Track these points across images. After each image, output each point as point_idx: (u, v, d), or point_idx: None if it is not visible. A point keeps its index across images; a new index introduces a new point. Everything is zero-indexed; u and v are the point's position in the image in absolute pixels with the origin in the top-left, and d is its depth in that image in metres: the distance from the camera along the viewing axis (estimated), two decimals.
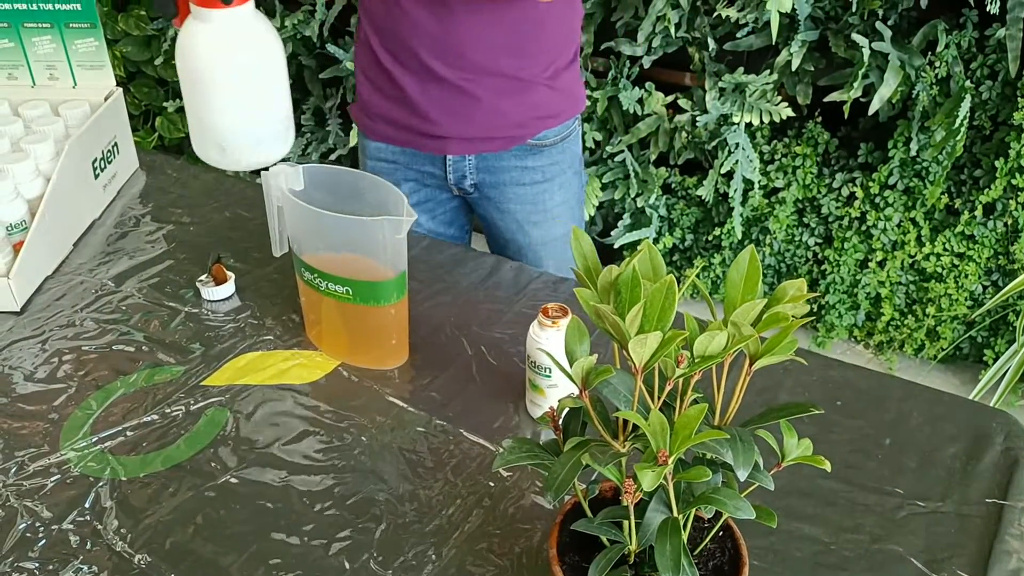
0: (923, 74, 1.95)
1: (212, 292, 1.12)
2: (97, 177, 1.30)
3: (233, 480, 0.87)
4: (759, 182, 2.22)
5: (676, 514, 0.61)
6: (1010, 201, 2.02)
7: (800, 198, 2.25)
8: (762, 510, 0.62)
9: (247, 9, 0.92)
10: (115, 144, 1.35)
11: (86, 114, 1.29)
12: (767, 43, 2.05)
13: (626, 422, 0.63)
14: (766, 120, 2.10)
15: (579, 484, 0.67)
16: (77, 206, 1.25)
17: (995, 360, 2.07)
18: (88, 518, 0.82)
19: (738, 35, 2.11)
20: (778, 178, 2.23)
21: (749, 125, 2.17)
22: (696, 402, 0.62)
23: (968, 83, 1.94)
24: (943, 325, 2.17)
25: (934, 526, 0.82)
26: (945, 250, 2.12)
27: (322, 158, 2.65)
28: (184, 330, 1.07)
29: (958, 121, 1.89)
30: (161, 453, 0.90)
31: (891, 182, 2.13)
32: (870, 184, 2.14)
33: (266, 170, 0.99)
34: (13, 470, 0.88)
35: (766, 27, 1.99)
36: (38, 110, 1.29)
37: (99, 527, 0.82)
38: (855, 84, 1.95)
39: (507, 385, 0.99)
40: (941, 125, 1.96)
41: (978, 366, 2.22)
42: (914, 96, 1.98)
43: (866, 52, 1.92)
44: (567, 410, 0.67)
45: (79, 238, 1.25)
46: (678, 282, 0.58)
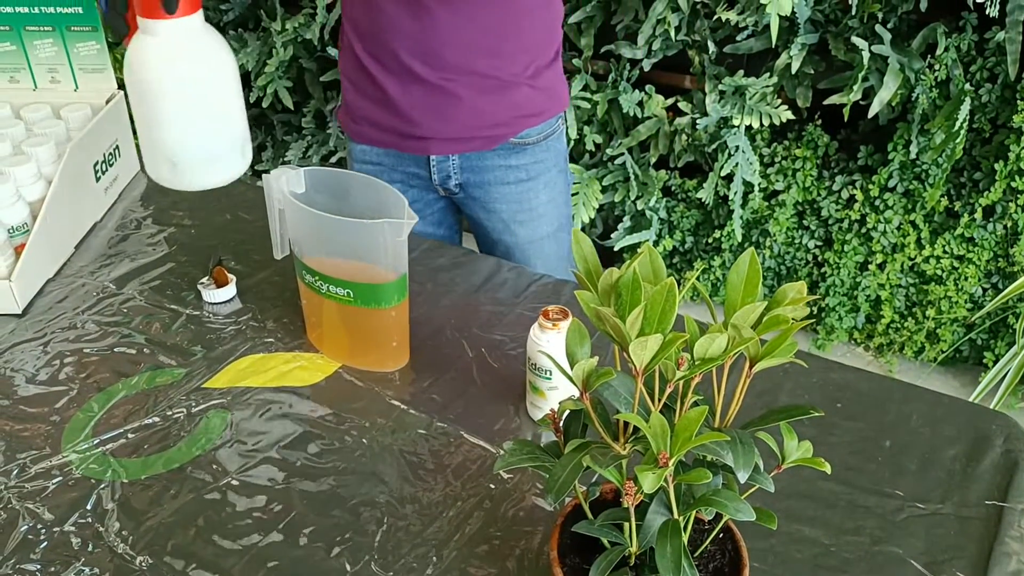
0: (923, 77, 1.95)
1: (213, 295, 1.12)
2: (98, 180, 1.30)
3: (234, 482, 0.87)
4: (759, 185, 2.22)
5: (677, 516, 0.62)
6: (1010, 204, 2.02)
7: (800, 201, 2.25)
8: (762, 512, 0.62)
9: (195, 21, 0.89)
10: (116, 147, 1.35)
11: (88, 117, 1.29)
12: (767, 46, 2.06)
13: (627, 424, 0.63)
14: (766, 123, 2.11)
15: (580, 486, 0.67)
16: (78, 209, 1.26)
17: (995, 362, 2.07)
18: (90, 520, 0.83)
19: (738, 38, 2.11)
20: (778, 181, 2.24)
21: (749, 128, 2.17)
22: (696, 404, 0.62)
23: (968, 86, 1.94)
24: (943, 327, 2.17)
25: (934, 528, 0.82)
26: (945, 253, 2.12)
27: (323, 160, 2.65)
28: (185, 332, 1.08)
29: (958, 124, 1.90)
30: (162, 455, 0.90)
31: (891, 185, 2.13)
32: (870, 187, 2.14)
33: (267, 172, 0.99)
34: (15, 472, 0.88)
35: (766, 30, 2.00)
36: (40, 113, 1.30)
37: (100, 529, 0.82)
38: (855, 87, 1.95)
39: (508, 387, 0.99)
40: (941, 128, 1.96)
41: (978, 368, 2.22)
42: (914, 99, 1.99)
43: (866, 55, 1.93)
44: (568, 412, 0.67)
45: (80, 241, 1.25)
46: (678, 285, 0.58)
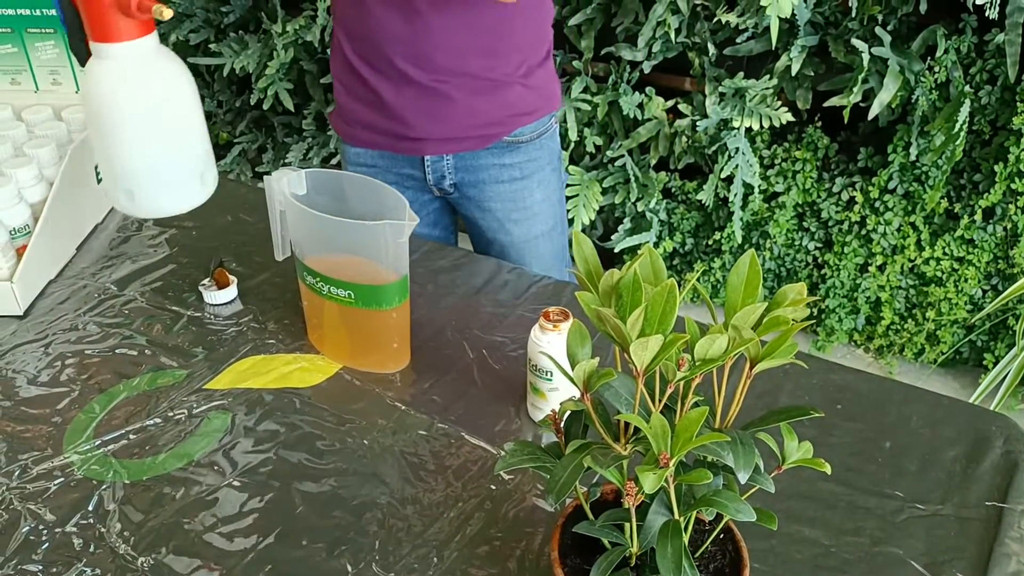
0: (922, 79, 1.96)
1: (214, 296, 1.12)
2: (100, 181, 1.30)
3: (235, 483, 0.87)
4: (759, 186, 2.22)
5: (677, 516, 0.62)
6: (1009, 205, 2.02)
7: (800, 202, 2.25)
8: (763, 512, 0.62)
9: (148, 43, 0.88)
10: None
11: None
12: (767, 48, 2.06)
13: (627, 425, 0.63)
14: (766, 125, 2.11)
15: (580, 487, 0.67)
16: (80, 210, 1.26)
17: (995, 364, 2.07)
18: (91, 521, 0.83)
19: (738, 40, 2.11)
20: (778, 182, 2.24)
21: (749, 130, 2.17)
22: (697, 405, 0.62)
23: (967, 88, 1.94)
24: (943, 329, 2.17)
25: (934, 529, 0.82)
26: (945, 254, 2.13)
27: (323, 162, 2.66)
28: (187, 334, 1.08)
29: (957, 126, 1.90)
30: (164, 456, 0.90)
31: (891, 186, 2.14)
32: (870, 188, 2.15)
33: (268, 174, 0.99)
34: (16, 473, 0.88)
35: (766, 32, 2.00)
36: (41, 114, 1.30)
37: (102, 530, 0.82)
38: (855, 89, 1.96)
39: (508, 389, 0.99)
40: (940, 130, 1.96)
41: (978, 370, 2.22)
42: (913, 101, 1.99)
43: (865, 57, 1.93)
44: (569, 413, 0.67)
45: (82, 242, 1.26)
46: (679, 286, 0.58)
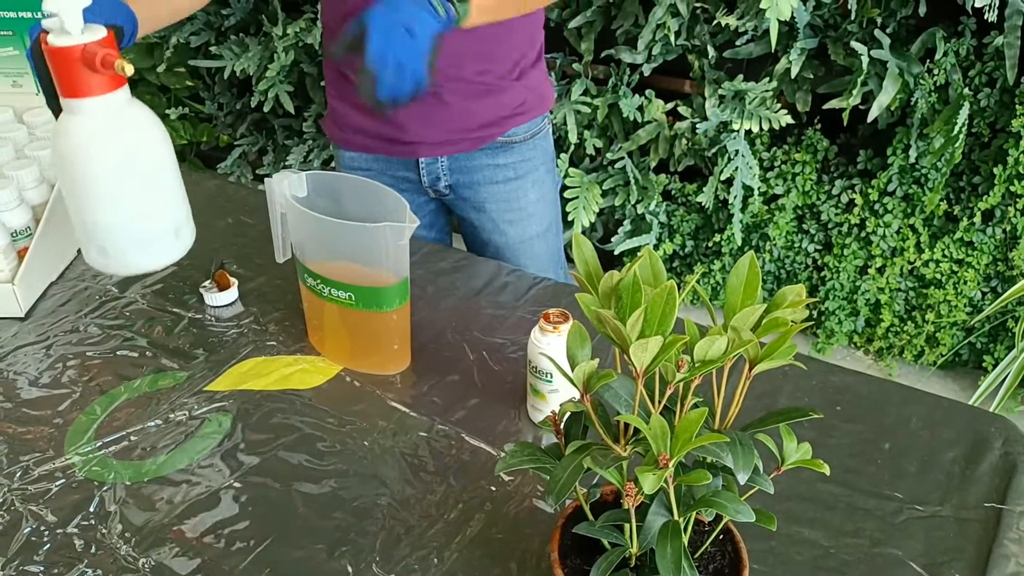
0: (922, 81, 1.96)
1: (215, 298, 1.13)
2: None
3: (236, 485, 0.87)
4: (759, 189, 2.23)
5: (677, 517, 0.62)
6: (1008, 208, 2.03)
7: (799, 205, 2.26)
8: (762, 513, 0.62)
9: (119, 98, 0.87)
10: None
11: None
12: (766, 51, 2.06)
13: (627, 426, 0.64)
14: (765, 127, 2.11)
15: (580, 488, 0.67)
16: None
17: (994, 366, 2.08)
18: (92, 522, 0.83)
19: (737, 43, 2.12)
20: (777, 185, 2.24)
21: (749, 132, 2.18)
22: (696, 406, 0.63)
23: (966, 90, 1.95)
24: (942, 331, 2.18)
25: (933, 530, 0.82)
26: (944, 256, 2.13)
27: (324, 165, 2.66)
28: (187, 336, 1.08)
29: (956, 128, 1.90)
30: (165, 458, 0.90)
31: (890, 189, 2.14)
32: (869, 191, 2.15)
33: (269, 176, 0.99)
34: (18, 474, 0.88)
35: (765, 35, 2.00)
36: (42, 117, 1.30)
37: (103, 531, 0.82)
38: (854, 91, 1.96)
39: (508, 390, 0.99)
40: (940, 132, 1.97)
41: (977, 372, 2.22)
42: (913, 103, 1.99)
43: (865, 60, 1.93)
44: (568, 414, 0.68)
45: None
46: (678, 288, 0.58)
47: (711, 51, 2.13)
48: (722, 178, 2.19)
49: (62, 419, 0.95)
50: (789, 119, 2.09)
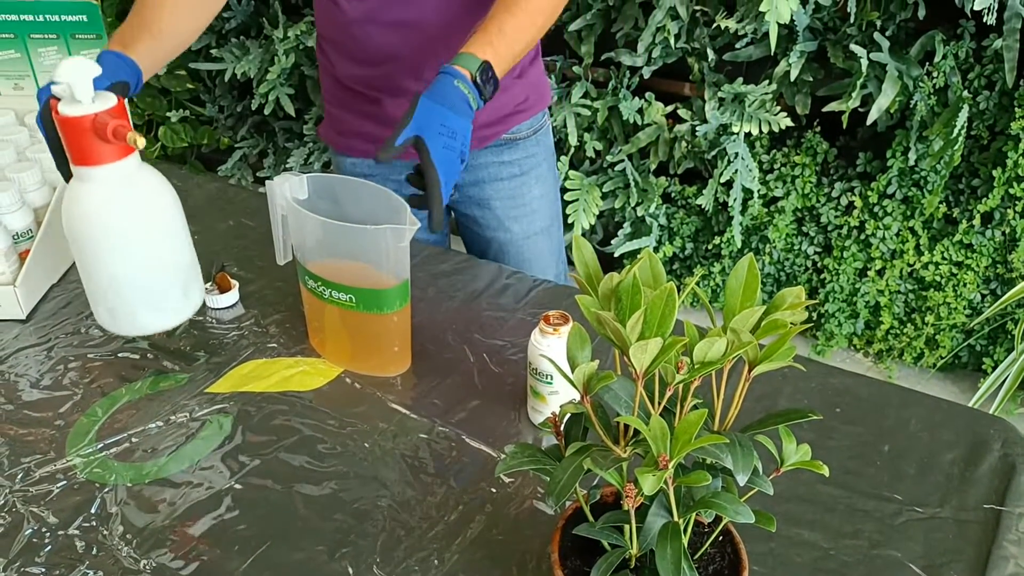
0: (921, 84, 1.96)
1: (216, 300, 1.13)
2: None
3: (237, 486, 0.87)
4: (758, 191, 2.23)
5: (677, 518, 0.62)
6: (1008, 210, 2.03)
7: (799, 207, 2.26)
8: (761, 515, 0.62)
9: (130, 164, 0.88)
10: None
11: None
12: (766, 54, 2.07)
13: (627, 427, 0.64)
14: (765, 130, 2.11)
15: (580, 489, 0.67)
16: None
17: (994, 368, 2.08)
18: (94, 524, 0.83)
19: (737, 46, 2.12)
20: (777, 187, 2.25)
21: (748, 135, 2.18)
22: (696, 408, 0.63)
23: (966, 93, 1.95)
24: (942, 334, 2.18)
25: (932, 532, 0.82)
26: (944, 259, 2.13)
27: (324, 167, 2.66)
28: (188, 338, 1.08)
29: (956, 131, 1.91)
30: (166, 460, 0.91)
31: (889, 191, 2.14)
32: (869, 193, 2.15)
33: (270, 179, 1.00)
34: (19, 476, 0.88)
35: (765, 38, 2.01)
36: None
37: (104, 533, 0.82)
38: (853, 94, 1.96)
39: (509, 392, 0.99)
40: (939, 135, 1.97)
41: (977, 374, 2.22)
42: (912, 106, 2.00)
43: (864, 62, 1.94)
44: (569, 416, 0.68)
45: None
46: (678, 290, 0.59)
47: (711, 54, 2.13)
48: (722, 181, 2.19)
49: (63, 421, 0.95)
50: (788, 122, 2.10)
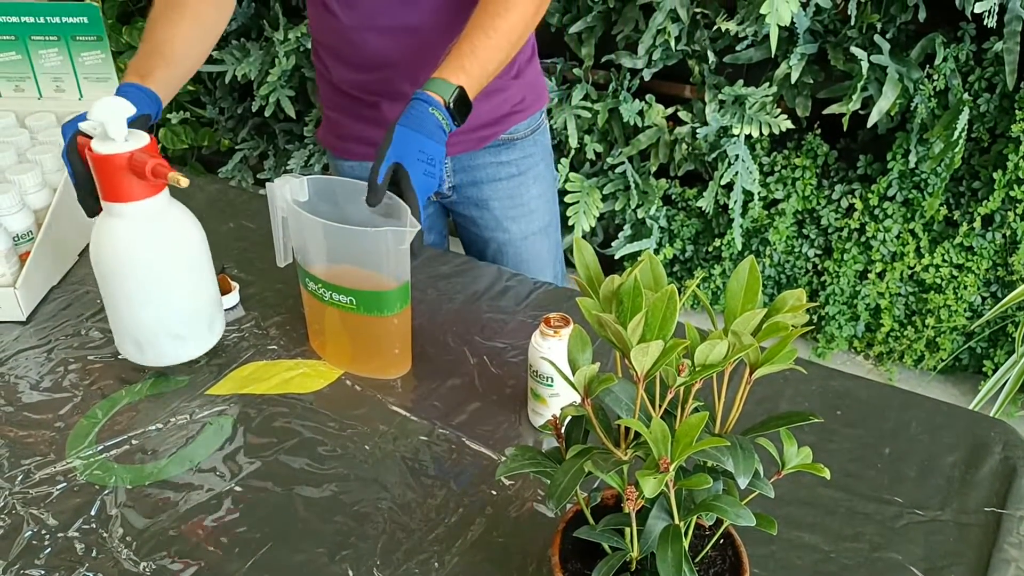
0: (921, 87, 1.96)
1: None
2: None
3: (237, 488, 0.87)
4: (759, 194, 2.23)
5: (677, 521, 0.62)
6: (1008, 212, 2.03)
7: (800, 209, 2.26)
8: (762, 518, 0.62)
9: (159, 201, 0.89)
10: None
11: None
12: (766, 56, 2.07)
13: (628, 430, 0.64)
14: (765, 132, 2.12)
15: (581, 492, 0.67)
16: (83, 216, 1.26)
17: (994, 371, 2.08)
18: (94, 526, 0.83)
19: (738, 48, 2.12)
20: (778, 190, 2.25)
21: (749, 137, 2.18)
22: (697, 410, 0.63)
23: (966, 95, 1.95)
24: (942, 336, 2.18)
25: (933, 535, 0.82)
26: (944, 261, 2.13)
27: (325, 169, 2.66)
28: None
29: (956, 133, 1.91)
30: (166, 462, 0.90)
31: (890, 194, 2.14)
32: (869, 196, 2.15)
33: (270, 181, 1.00)
34: (19, 478, 0.88)
35: (765, 40, 2.01)
36: (44, 121, 1.30)
37: (104, 535, 0.82)
38: (854, 97, 1.96)
39: (509, 394, 0.99)
40: (939, 137, 1.97)
41: (977, 377, 2.22)
42: (912, 108, 2.00)
43: (865, 65, 1.94)
44: (569, 418, 0.68)
45: (84, 248, 1.26)
46: (679, 293, 0.59)
47: (711, 56, 2.13)
48: (722, 183, 2.19)
49: (63, 423, 0.95)
50: (789, 124, 2.10)
